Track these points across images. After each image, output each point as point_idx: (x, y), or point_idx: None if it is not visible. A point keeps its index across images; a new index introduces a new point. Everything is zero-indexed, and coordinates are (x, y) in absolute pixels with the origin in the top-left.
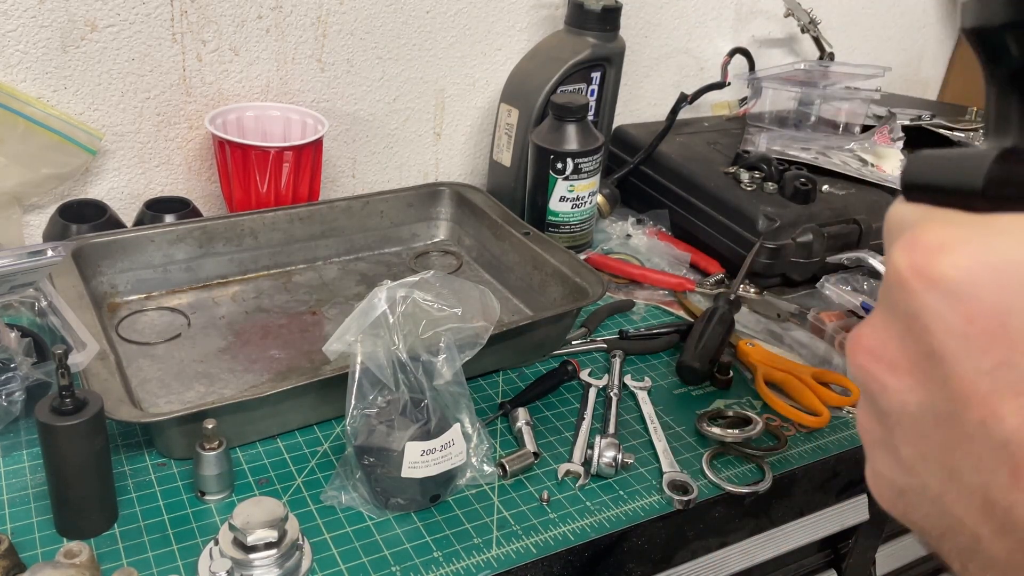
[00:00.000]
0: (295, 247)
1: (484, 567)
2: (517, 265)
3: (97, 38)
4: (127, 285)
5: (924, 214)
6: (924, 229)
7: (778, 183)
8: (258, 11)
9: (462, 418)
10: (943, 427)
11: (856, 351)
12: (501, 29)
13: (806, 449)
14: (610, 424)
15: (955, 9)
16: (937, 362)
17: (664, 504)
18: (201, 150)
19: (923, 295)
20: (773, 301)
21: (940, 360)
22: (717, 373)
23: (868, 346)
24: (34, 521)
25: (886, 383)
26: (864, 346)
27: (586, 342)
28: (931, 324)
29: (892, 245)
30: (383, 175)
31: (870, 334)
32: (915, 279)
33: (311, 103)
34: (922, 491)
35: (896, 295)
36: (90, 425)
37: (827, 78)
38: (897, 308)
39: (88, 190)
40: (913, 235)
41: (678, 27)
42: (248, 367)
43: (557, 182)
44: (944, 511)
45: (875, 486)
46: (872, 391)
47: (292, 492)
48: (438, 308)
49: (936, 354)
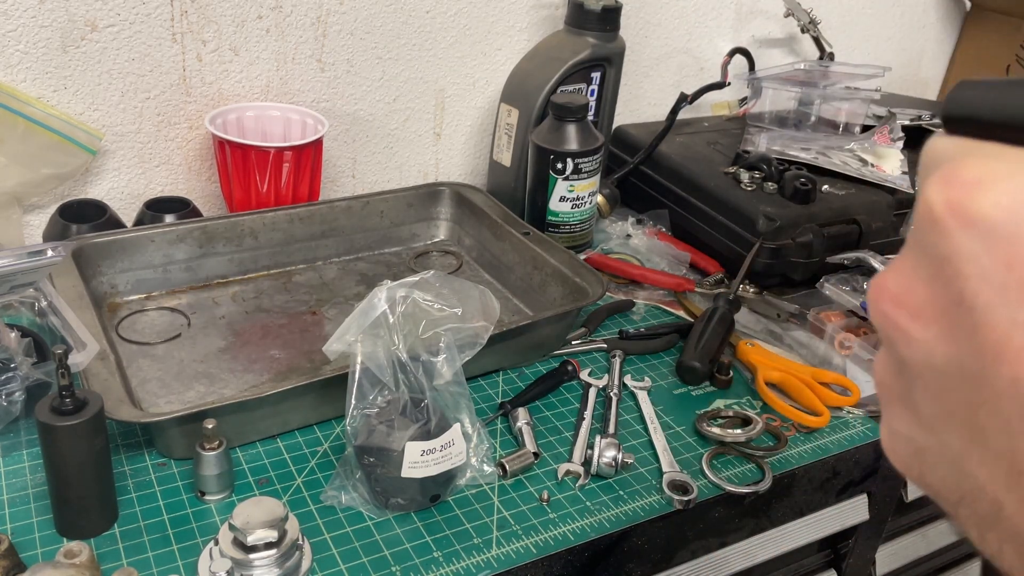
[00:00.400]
0: (295, 247)
1: (484, 567)
2: (517, 265)
3: (97, 38)
4: (127, 285)
5: (965, 147)
6: (964, 163)
7: (778, 183)
8: (258, 11)
9: (462, 418)
10: (970, 383)
11: (879, 296)
12: (501, 29)
13: (806, 449)
14: (610, 424)
15: (955, 9)
16: (967, 310)
17: (664, 504)
18: (201, 150)
19: (957, 235)
20: (773, 301)
21: (971, 308)
22: (717, 373)
23: (892, 291)
24: (34, 521)
25: (910, 332)
26: (888, 291)
27: (586, 342)
28: (964, 268)
29: (926, 180)
30: (383, 175)
31: (895, 278)
32: (949, 217)
33: (311, 103)
34: (942, 451)
35: (927, 235)
36: (90, 425)
37: (827, 78)
38: (927, 249)
39: (88, 190)
40: (951, 169)
41: (678, 27)
42: (248, 367)
43: (557, 182)
44: (965, 474)
45: (890, 444)
46: (894, 340)
47: (292, 492)
48: (438, 308)
49: (967, 302)
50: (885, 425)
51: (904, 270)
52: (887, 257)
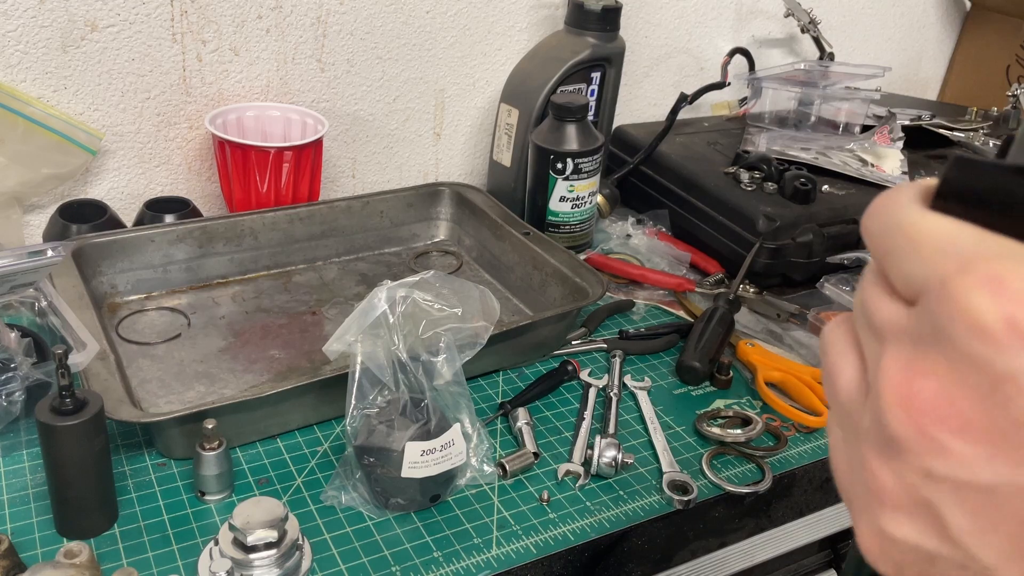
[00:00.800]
0: (295, 247)
1: (484, 567)
2: (517, 265)
3: (97, 38)
4: (127, 285)
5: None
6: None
7: (778, 183)
8: (258, 11)
9: (462, 418)
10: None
11: (912, 406)
12: (501, 29)
13: (806, 449)
14: (610, 424)
15: (955, 9)
16: None
17: (664, 504)
18: (201, 150)
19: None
20: (773, 301)
21: None
22: (717, 373)
23: (932, 403)
24: (34, 521)
25: (952, 448)
26: (923, 401)
27: (586, 342)
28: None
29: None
30: (383, 175)
31: (930, 387)
32: (1010, 335)
33: (311, 103)
34: (965, 563)
35: (978, 348)
36: (90, 425)
37: (827, 78)
38: (978, 363)
39: (88, 190)
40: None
41: (678, 27)
42: (248, 367)
43: (557, 182)
44: None
45: (883, 549)
46: (925, 453)
47: (292, 492)
48: (438, 308)
49: None
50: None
51: (944, 380)
52: None
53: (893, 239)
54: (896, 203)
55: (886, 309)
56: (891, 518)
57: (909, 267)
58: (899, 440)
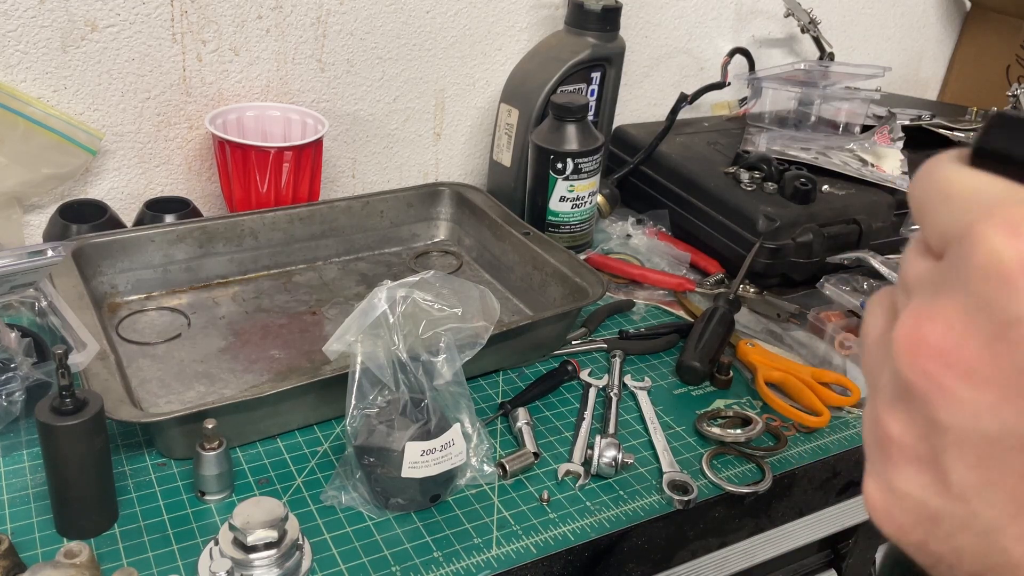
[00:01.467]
0: (295, 247)
1: (484, 567)
2: (517, 265)
3: (97, 38)
4: (127, 285)
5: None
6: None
7: (778, 183)
8: (258, 11)
9: (462, 418)
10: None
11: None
12: (501, 29)
13: (806, 449)
14: (610, 424)
15: (955, 9)
16: None
17: (664, 504)
18: (201, 150)
19: None
20: (773, 301)
21: None
22: (717, 373)
23: (938, 346)
24: (34, 521)
25: (957, 394)
26: (931, 345)
27: (586, 342)
28: None
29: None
30: (383, 175)
31: (940, 331)
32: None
33: (311, 103)
34: (968, 521)
35: (991, 290)
36: (90, 425)
37: (827, 78)
38: (989, 306)
39: (88, 190)
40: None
41: (678, 27)
42: (248, 367)
43: (557, 182)
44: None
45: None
46: (930, 399)
47: (292, 492)
48: (438, 308)
49: None
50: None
51: (954, 324)
52: (887, 257)
53: (929, 197)
54: (937, 164)
55: (918, 265)
56: (897, 471)
57: (941, 220)
58: (907, 386)
